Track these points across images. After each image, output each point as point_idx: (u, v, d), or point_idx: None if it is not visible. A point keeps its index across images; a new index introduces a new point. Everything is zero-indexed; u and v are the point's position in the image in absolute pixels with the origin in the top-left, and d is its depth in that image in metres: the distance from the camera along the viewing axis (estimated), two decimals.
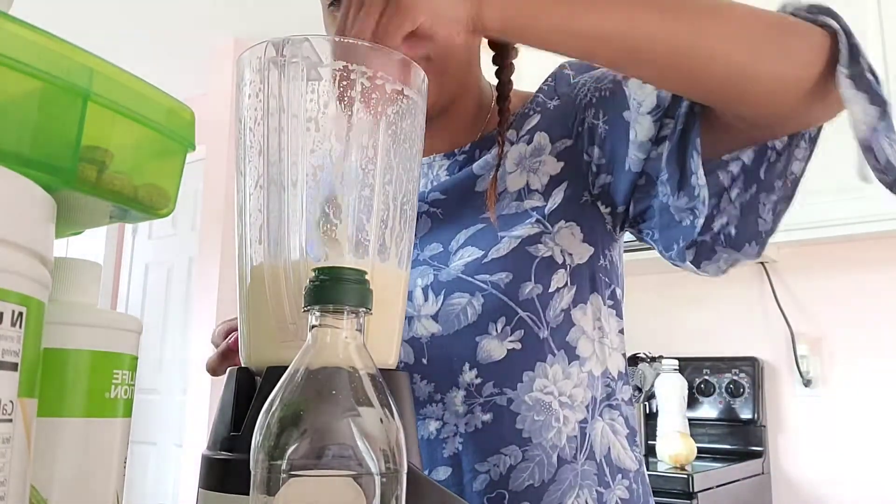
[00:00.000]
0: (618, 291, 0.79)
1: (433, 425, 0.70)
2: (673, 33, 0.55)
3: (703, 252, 0.69)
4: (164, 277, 4.05)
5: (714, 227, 0.67)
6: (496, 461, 0.69)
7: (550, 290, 0.71)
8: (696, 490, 1.83)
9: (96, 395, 0.42)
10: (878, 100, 0.56)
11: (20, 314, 0.30)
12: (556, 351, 0.71)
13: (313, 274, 0.37)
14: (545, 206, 0.73)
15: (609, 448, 0.72)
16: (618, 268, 0.80)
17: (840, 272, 2.24)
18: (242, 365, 0.52)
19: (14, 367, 0.30)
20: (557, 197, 0.73)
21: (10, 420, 0.30)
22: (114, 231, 4.22)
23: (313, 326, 0.37)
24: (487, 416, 0.69)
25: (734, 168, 0.67)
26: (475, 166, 0.75)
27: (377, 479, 0.34)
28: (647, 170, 0.69)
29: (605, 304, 0.76)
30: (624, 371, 0.78)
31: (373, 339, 0.40)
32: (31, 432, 0.32)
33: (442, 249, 0.73)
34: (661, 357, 2.21)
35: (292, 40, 0.48)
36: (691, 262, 0.69)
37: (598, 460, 0.71)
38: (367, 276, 0.38)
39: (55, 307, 0.40)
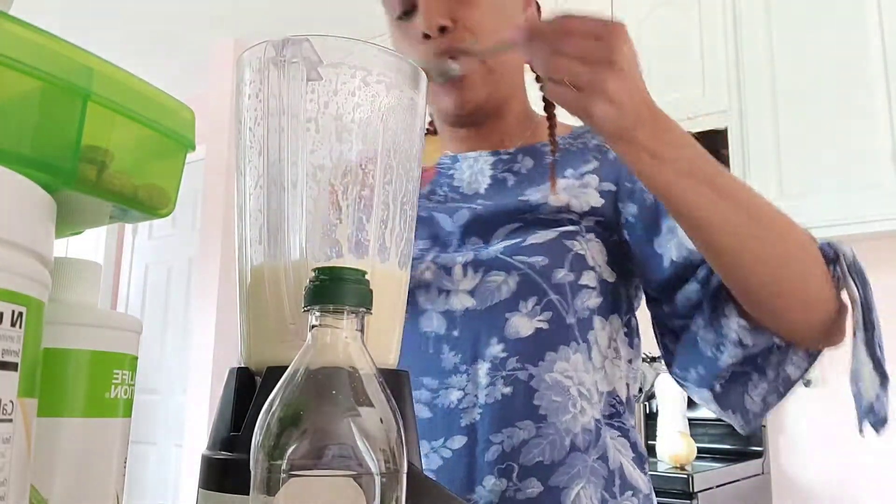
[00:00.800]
0: (633, 321, 0.84)
1: (455, 395, 0.72)
2: (759, 245, 0.64)
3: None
4: (164, 277, 4.05)
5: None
6: (510, 433, 0.70)
7: (580, 283, 0.75)
8: (696, 490, 1.83)
9: (96, 395, 0.42)
10: (881, 371, 0.65)
11: (20, 314, 0.30)
12: (579, 341, 0.74)
13: (313, 274, 0.37)
14: (581, 222, 0.77)
15: (622, 463, 0.75)
16: (634, 304, 0.84)
17: None
18: (242, 365, 0.52)
19: (14, 367, 0.30)
20: (591, 221, 0.78)
21: (11, 420, 0.30)
22: (114, 231, 4.23)
23: (313, 326, 0.37)
24: (507, 390, 0.71)
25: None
26: (527, 191, 0.79)
27: (377, 479, 0.34)
28: (677, 272, 0.75)
29: (621, 328, 0.80)
30: (630, 401, 0.81)
31: (373, 339, 0.40)
32: (32, 432, 0.32)
33: (481, 243, 0.78)
34: (661, 357, 2.21)
35: (292, 40, 0.48)
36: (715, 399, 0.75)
37: (609, 468, 0.73)
38: (367, 277, 0.38)
39: (55, 307, 0.40)
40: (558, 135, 0.85)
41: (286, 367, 0.37)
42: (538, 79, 0.82)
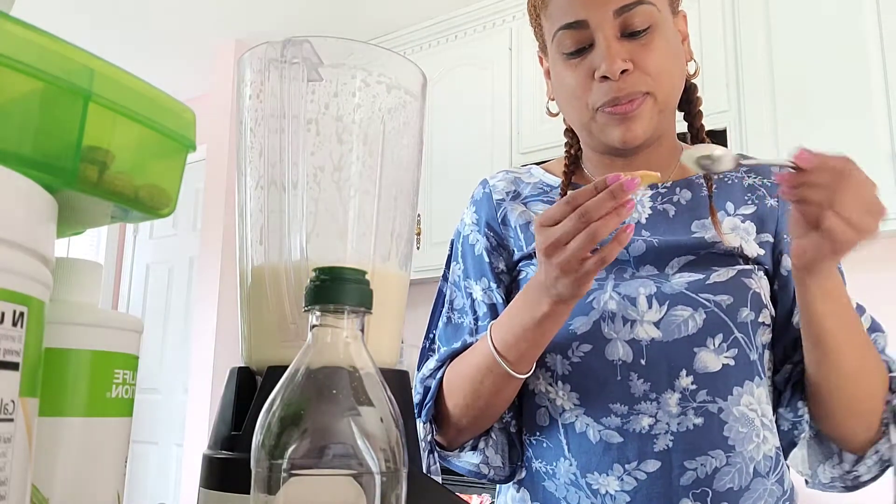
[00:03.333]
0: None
1: (646, 421, 0.76)
2: (844, 346, 0.74)
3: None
4: (164, 277, 4.05)
5: None
6: (703, 461, 0.75)
7: (759, 321, 0.79)
8: None
9: (97, 395, 0.42)
10: None
11: (21, 314, 0.30)
12: (762, 375, 0.79)
13: (314, 274, 0.37)
14: (751, 262, 0.82)
15: (793, 484, 0.81)
16: None
17: None
18: (243, 364, 0.52)
19: (15, 366, 0.30)
20: (757, 263, 0.83)
21: (12, 420, 0.30)
22: (115, 231, 4.23)
23: (314, 326, 0.37)
24: (699, 420, 0.76)
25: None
26: (693, 224, 0.83)
27: (377, 478, 0.34)
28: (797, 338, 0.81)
29: (771, 361, 0.84)
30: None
31: (373, 339, 0.40)
32: (33, 432, 0.32)
33: (657, 272, 0.81)
34: None
35: (293, 41, 0.48)
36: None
37: (784, 488, 0.79)
38: (367, 276, 0.38)
39: (56, 307, 0.40)
40: None
41: (287, 367, 0.37)
42: (689, 125, 0.90)
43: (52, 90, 0.38)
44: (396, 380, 0.50)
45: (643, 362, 0.77)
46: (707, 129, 0.95)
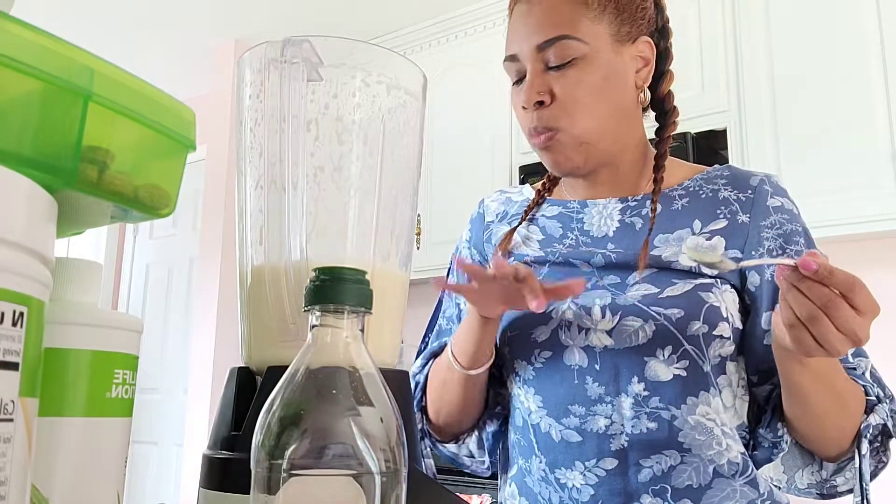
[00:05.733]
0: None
1: (602, 422, 0.80)
2: (824, 403, 0.76)
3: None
4: (164, 277, 4.05)
5: None
6: (658, 459, 0.79)
7: (714, 334, 0.80)
8: None
9: (97, 395, 0.42)
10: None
11: (21, 314, 0.30)
12: (716, 386, 0.81)
13: (313, 274, 0.37)
14: (715, 278, 0.83)
15: (772, 489, 0.83)
16: None
17: None
18: (243, 364, 0.52)
19: (15, 366, 0.30)
20: (726, 282, 0.84)
21: (11, 420, 0.30)
22: (114, 231, 4.23)
23: (314, 326, 0.37)
24: (653, 425, 0.79)
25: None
26: (657, 238, 0.85)
27: (377, 478, 0.34)
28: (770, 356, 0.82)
29: (742, 371, 0.86)
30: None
31: (373, 339, 0.40)
32: (32, 432, 0.32)
33: (619, 281, 0.83)
34: None
35: (293, 41, 0.48)
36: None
37: (759, 491, 0.81)
38: (367, 277, 0.38)
39: (56, 307, 0.40)
40: (690, 176, 0.91)
41: (287, 367, 0.37)
42: (657, 144, 0.91)
43: (52, 90, 0.38)
44: (396, 380, 0.50)
45: (597, 367, 0.81)
46: (707, 128, 0.96)
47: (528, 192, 0.99)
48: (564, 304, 0.83)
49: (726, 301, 0.82)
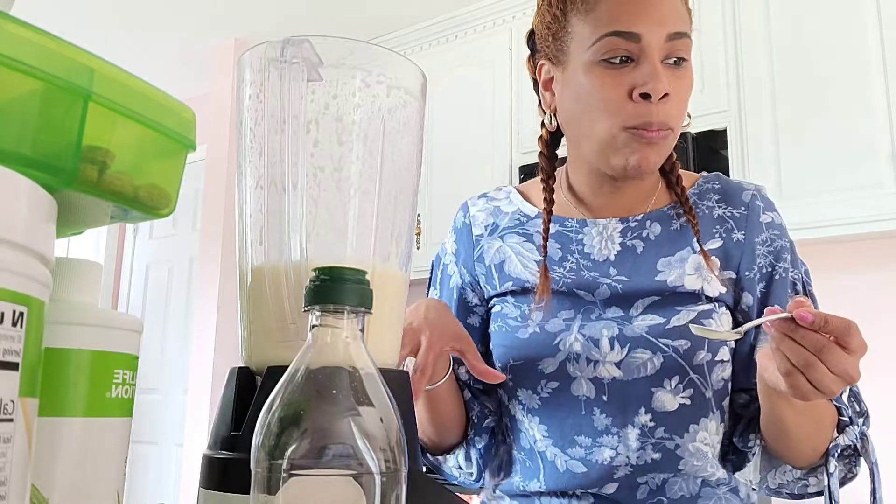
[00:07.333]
0: None
1: (608, 453, 0.81)
2: (803, 432, 0.78)
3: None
4: (164, 277, 4.05)
5: None
6: (652, 476, 0.81)
7: (716, 359, 0.82)
8: None
9: (97, 395, 0.42)
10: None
11: (21, 314, 0.30)
12: (714, 410, 0.83)
13: (313, 274, 0.37)
14: (713, 301, 0.85)
15: (749, 494, 0.86)
16: None
17: (839, 272, 2.24)
18: (243, 364, 0.52)
19: (15, 366, 0.30)
20: (720, 301, 0.85)
21: (11, 420, 0.30)
22: (114, 231, 4.23)
23: (314, 326, 0.37)
24: (657, 455, 0.81)
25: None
26: (659, 263, 0.86)
27: (377, 478, 0.34)
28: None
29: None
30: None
31: (373, 339, 0.40)
32: (32, 432, 0.32)
33: (623, 313, 0.84)
34: None
35: (293, 41, 0.48)
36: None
37: (741, 497, 0.84)
38: (367, 277, 0.38)
39: (56, 307, 0.40)
40: (687, 185, 0.90)
41: (287, 367, 0.37)
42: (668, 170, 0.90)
43: (52, 90, 0.38)
44: (396, 380, 0.50)
45: (605, 398, 0.82)
46: (707, 128, 0.97)
47: (518, 199, 0.95)
48: (571, 335, 0.83)
49: (724, 324, 0.83)
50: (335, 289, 0.36)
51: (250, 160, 0.52)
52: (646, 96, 0.77)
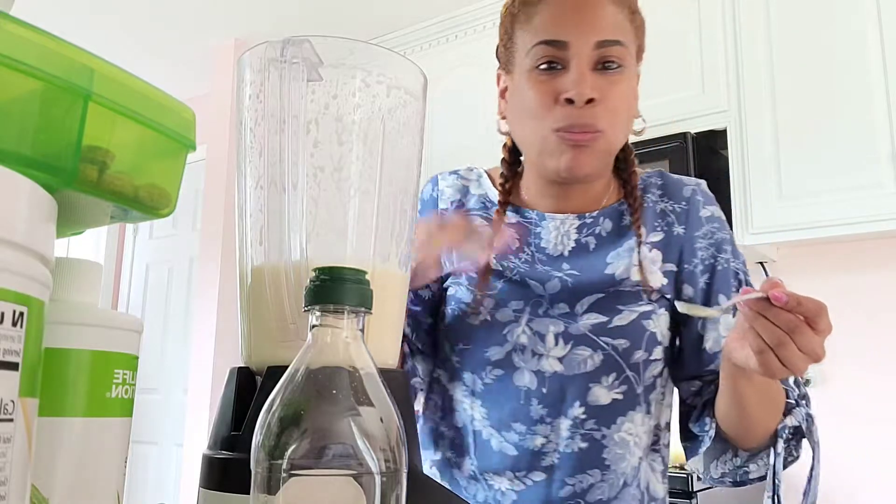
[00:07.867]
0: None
1: (539, 440, 0.86)
2: (761, 411, 0.81)
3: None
4: (164, 277, 4.04)
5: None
6: (581, 478, 0.85)
7: (651, 359, 0.87)
8: (695, 490, 1.83)
9: (97, 395, 0.42)
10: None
11: (21, 314, 0.30)
12: (642, 403, 0.88)
13: (313, 274, 0.37)
14: (653, 297, 0.88)
15: (648, 482, 0.90)
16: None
17: (839, 272, 2.24)
18: (243, 364, 0.52)
19: (15, 366, 0.30)
20: (660, 295, 0.89)
21: (11, 420, 0.30)
22: (114, 231, 4.22)
23: (314, 326, 0.37)
24: (584, 445, 0.85)
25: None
26: (609, 256, 0.89)
27: (377, 478, 0.34)
28: (704, 359, 0.90)
29: (665, 380, 0.92)
30: (669, 421, 0.94)
31: (373, 339, 0.40)
32: (32, 432, 0.32)
33: (569, 310, 0.87)
34: None
35: (293, 41, 0.48)
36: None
37: (641, 489, 0.88)
38: (367, 277, 0.38)
39: (56, 307, 0.40)
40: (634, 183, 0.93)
41: (287, 367, 0.37)
42: (623, 167, 0.93)
43: (52, 90, 0.38)
44: (396, 380, 0.50)
45: (544, 391, 0.86)
46: (707, 128, 0.99)
47: (487, 184, 0.98)
48: (519, 327, 0.87)
49: (661, 325, 0.87)
50: (335, 289, 0.37)
51: (250, 160, 0.52)
52: (571, 101, 0.81)
